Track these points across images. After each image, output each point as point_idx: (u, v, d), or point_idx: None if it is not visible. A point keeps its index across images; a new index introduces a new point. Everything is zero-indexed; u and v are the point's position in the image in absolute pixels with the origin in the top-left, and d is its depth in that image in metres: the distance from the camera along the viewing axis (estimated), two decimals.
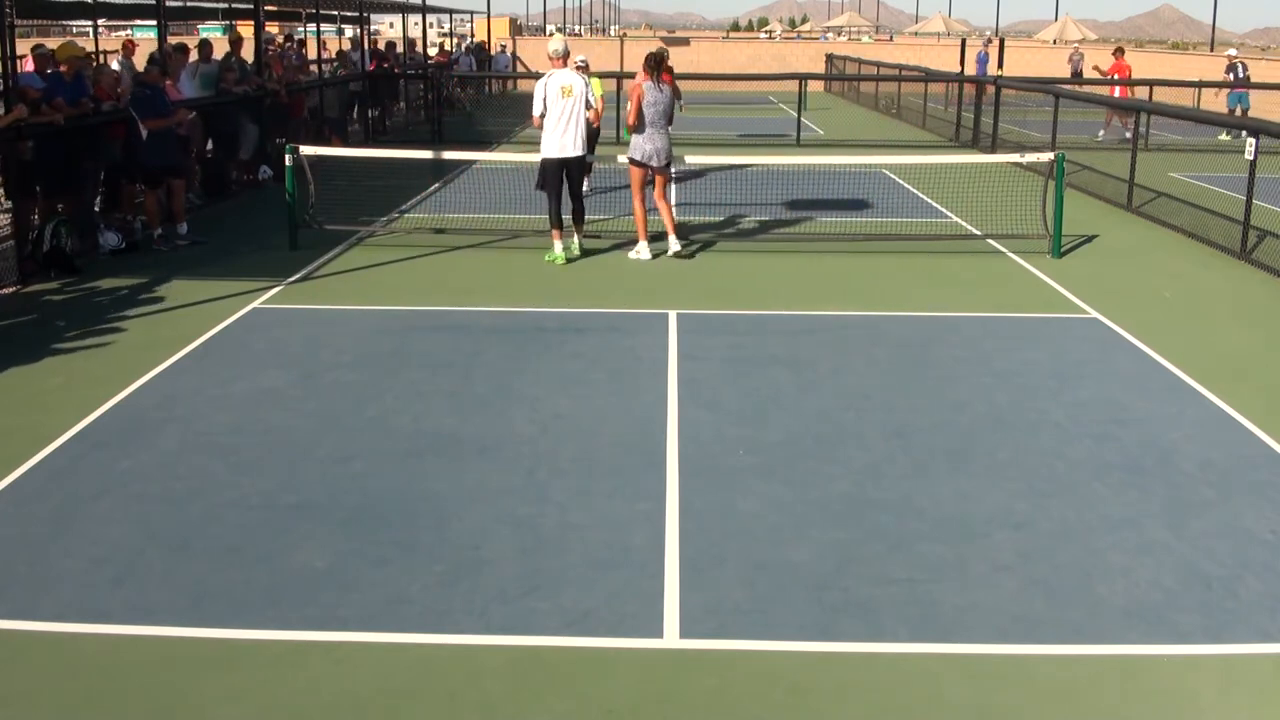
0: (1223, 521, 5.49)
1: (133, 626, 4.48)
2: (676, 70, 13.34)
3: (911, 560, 5.06)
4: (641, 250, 11.20)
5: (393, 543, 5.19)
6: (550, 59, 11.08)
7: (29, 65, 13.05)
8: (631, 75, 14.27)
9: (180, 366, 7.73)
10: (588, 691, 4.11)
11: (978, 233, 12.64)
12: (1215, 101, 25.90)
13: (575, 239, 11.37)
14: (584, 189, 12.06)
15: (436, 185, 15.93)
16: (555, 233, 11.15)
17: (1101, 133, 23.03)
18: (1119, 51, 25.22)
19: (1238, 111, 22.78)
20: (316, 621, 4.53)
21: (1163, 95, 23.31)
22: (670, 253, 11.24)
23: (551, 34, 32.81)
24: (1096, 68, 26.28)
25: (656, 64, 11.22)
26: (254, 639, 4.41)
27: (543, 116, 10.92)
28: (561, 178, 11.09)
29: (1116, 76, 23.70)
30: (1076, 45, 35.72)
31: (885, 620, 4.58)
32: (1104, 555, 5.13)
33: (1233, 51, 28.58)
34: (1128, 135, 22.43)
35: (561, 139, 10.94)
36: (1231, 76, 24.38)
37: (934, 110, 26.41)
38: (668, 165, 11.45)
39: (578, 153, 11.07)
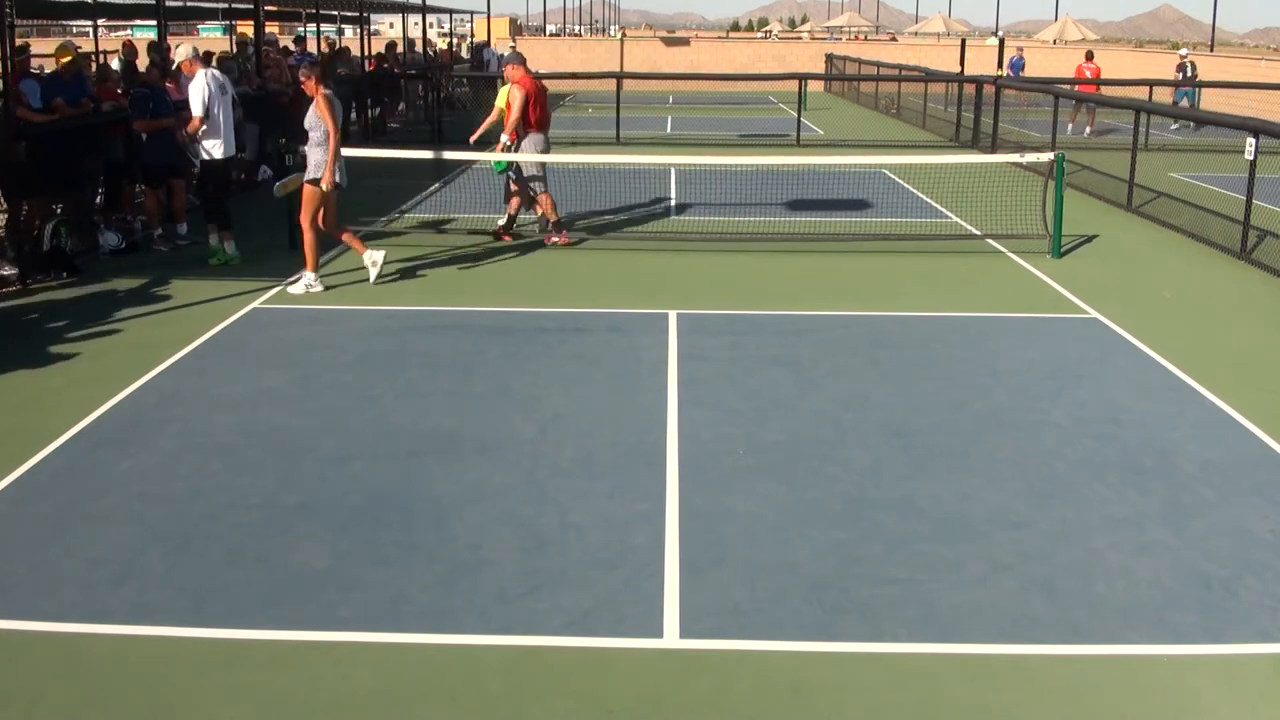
0: (1223, 521, 5.49)
1: (133, 626, 4.49)
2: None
3: (911, 560, 5.07)
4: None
5: (393, 543, 5.19)
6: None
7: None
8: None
9: (180, 366, 7.74)
10: (588, 691, 4.11)
11: (978, 233, 12.64)
12: (1215, 101, 26.42)
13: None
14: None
15: (436, 185, 15.92)
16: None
17: (1087, 129, 23.59)
18: (1088, 55, 25.92)
19: (1184, 104, 24.70)
20: (316, 621, 4.53)
21: (1162, 96, 23.34)
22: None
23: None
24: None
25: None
26: (254, 639, 4.41)
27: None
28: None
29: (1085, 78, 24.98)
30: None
31: (885, 620, 4.58)
32: (1104, 555, 5.13)
33: (1184, 52, 30.26)
34: (1069, 130, 23.09)
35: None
36: (1181, 76, 25.89)
37: (934, 110, 26.41)
38: None
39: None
